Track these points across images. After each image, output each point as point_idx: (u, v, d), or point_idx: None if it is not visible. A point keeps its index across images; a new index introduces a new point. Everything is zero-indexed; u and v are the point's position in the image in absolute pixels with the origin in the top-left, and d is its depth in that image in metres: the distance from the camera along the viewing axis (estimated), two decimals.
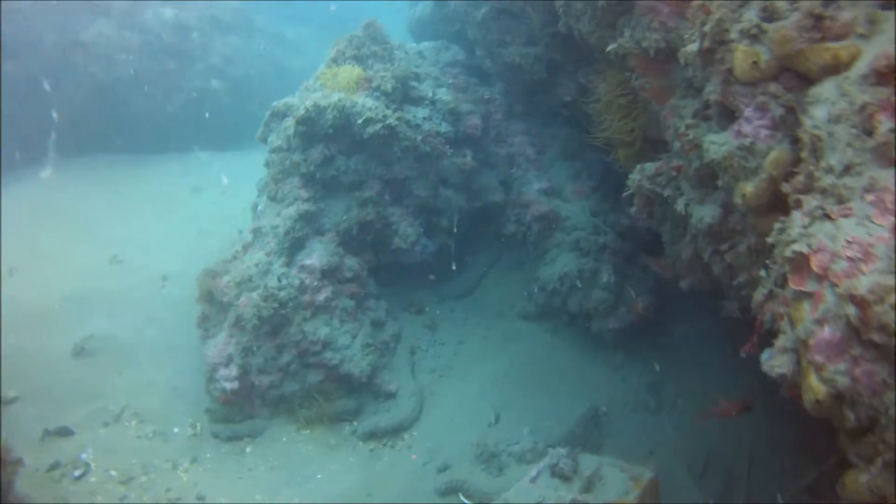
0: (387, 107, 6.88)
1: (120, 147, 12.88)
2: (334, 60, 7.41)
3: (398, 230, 7.30)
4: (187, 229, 9.87)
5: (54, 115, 11.83)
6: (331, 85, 6.94)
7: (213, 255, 8.65)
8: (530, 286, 8.42)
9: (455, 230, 8.08)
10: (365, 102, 6.76)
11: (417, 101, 7.52)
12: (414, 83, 7.50)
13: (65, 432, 7.09)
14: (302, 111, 6.66)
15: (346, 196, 7.20)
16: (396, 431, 6.88)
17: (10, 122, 12.69)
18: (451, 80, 8.52)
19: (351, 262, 7.13)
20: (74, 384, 7.69)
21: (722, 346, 8.10)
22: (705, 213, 4.28)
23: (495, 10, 7.44)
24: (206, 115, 13.01)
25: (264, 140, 7.73)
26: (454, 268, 8.58)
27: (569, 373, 7.97)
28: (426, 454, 6.85)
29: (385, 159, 7.09)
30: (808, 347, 2.64)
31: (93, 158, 12.85)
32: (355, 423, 7.18)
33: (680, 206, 4.53)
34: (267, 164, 7.50)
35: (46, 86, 12.02)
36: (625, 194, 5.00)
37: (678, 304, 8.19)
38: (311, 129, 6.75)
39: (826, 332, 2.56)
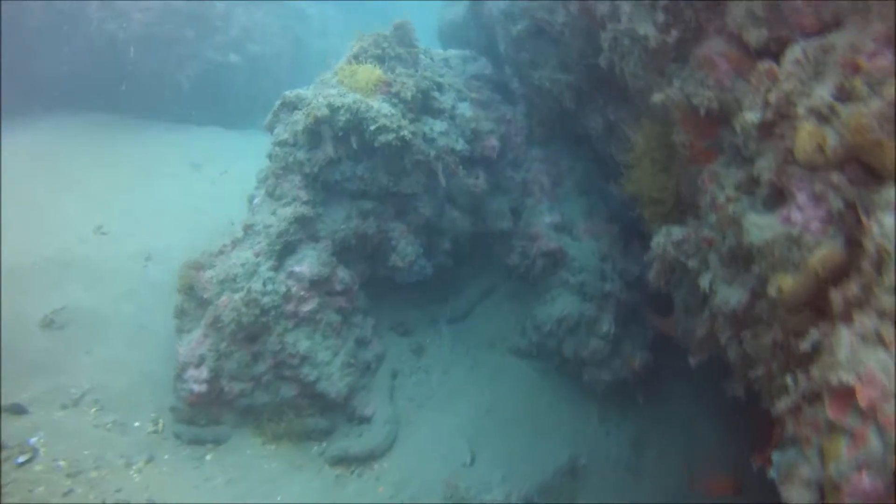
0: (403, 115, 6.46)
1: (125, 109, 12.45)
2: (356, 57, 7.00)
3: (397, 247, 6.89)
4: (180, 206, 9.44)
5: None
6: (348, 83, 6.52)
7: (202, 238, 8.29)
8: (526, 321, 8.11)
9: (455, 252, 7.69)
10: (381, 108, 6.34)
11: (436, 113, 7.11)
12: (435, 93, 7.08)
13: (18, 410, 6.69)
14: (313, 109, 6.23)
15: (347, 203, 6.79)
16: (366, 460, 6.50)
17: (14, 68, 12.28)
18: (474, 94, 8.10)
19: (343, 273, 6.73)
20: (37, 357, 7.29)
21: (715, 411, 7.78)
22: (731, 297, 3.91)
23: (533, 28, 7.03)
24: (218, 91, 12.56)
25: (271, 129, 7.31)
26: (449, 291, 8.23)
27: (552, 418, 7.71)
28: (393, 487, 6.50)
29: (394, 170, 6.67)
30: (841, 493, 2.30)
31: (96, 116, 12.42)
32: (324, 444, 6.81)
33: (704, 282, 4.16)
34: (270, 157, 7.08)
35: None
36: (646, 258, 4.60)
37: (674, 359, 7.84)
38: (321, 128, 6.32)
39: (865, 481, 2.23)
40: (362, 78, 6.44)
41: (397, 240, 6.88)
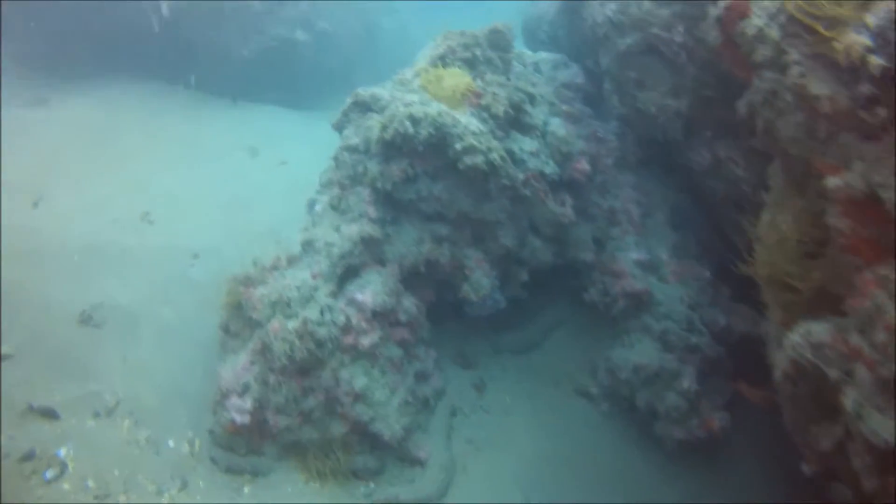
0: (493, 134, 5.68)
1: (183, 80, 11.86)
2: (441, 58, 6.22)
3: (471, 277, 6.15)
4: (232, 197, 8.82)
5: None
6: (433, 90, 5.77)
7: (253, 240, 7.70)
8: (597, 360, 7.36)
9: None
10: (469, 124, 5.57)
11: (527, 130, 6.32)
12: (527, 107, 6.28)
13: (49, 414, 6.26)
14: (392, 119, 5.49)
15: (420, 225, 6.07)
16: None
17: (75, 29, 11.78)
18: (565, 107, 7.28)
19: (409, 303, 6.03)
20: (73, 356, 6.86)
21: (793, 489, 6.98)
22: (884, 429, 3.09)
23: (644, 45, 6.17)
24: (283, 68, 11.89)
25: (339, 129, 6.63)
26: (515, 318, 7.50)
27: (616, 470, 6.99)
28: None
29: (476, 194, 5.91)
30: None
31: (155, 86, 11.91)
32: (372, 485, 6.18)
33: (848, 401, 3.34)
34: (336, 161, 6.40)
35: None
36: (778, 368, 3.79)
37: (753, 423, 6.99)
38: (399, 139, 5.59)
39: None
40: (449, 85, 5.68)
41: (472, 269, 6.13)
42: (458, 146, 5.48)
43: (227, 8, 11.25)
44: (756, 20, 3.74)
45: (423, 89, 5.85)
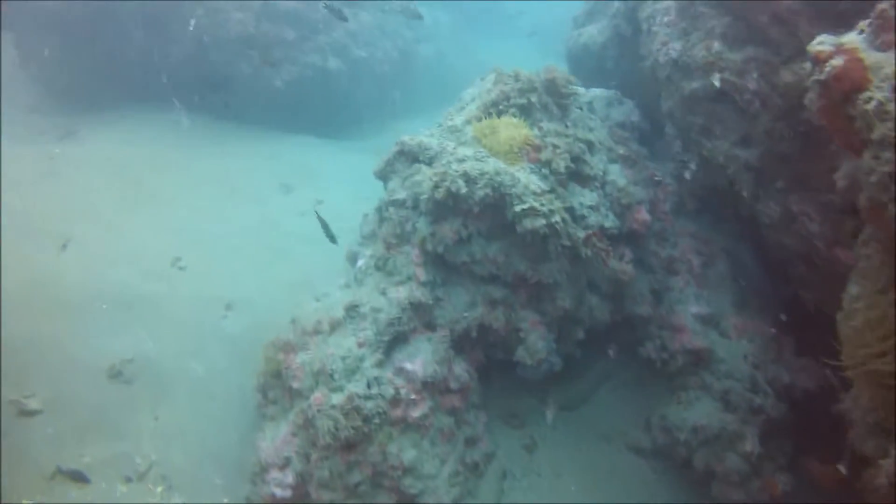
0: (553, 192, 5.24)
1: (217, 111, 11.56)
2: (495, 105, 5.81)
3: (526, 340, 5.71)
4: (266, 242, 8.45)
5: None
6: (487, 143, 5.36)
7: (288, 291, 7.35)
8: (651, 417, 6.91)
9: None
10: (529, 182, 5.15)
11: (586, 181, 5.89)
12: (587, 157, 5.84)
13: (78, 477, 5.95)
14: (445, 179, 5.08)
15: (472, 287, 5.65)
16: None
17: (106, 59, 11.57)
18: (621, 150, 6.85)
19: (460, 369, 5.61)
20: (103, 414, 6.54)
21: None
22: None
23: (713, 91, 5.71)
24: (316, 97, 11.55)
25: (383, 179, 6.26)
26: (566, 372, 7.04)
27: None
28: None
29: (534, 255, 5.47)
30: None
31: (187, 116, 11.60)
32: None
33: None
34: (379, 214, 6.02)
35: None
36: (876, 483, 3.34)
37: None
38: (451, 200, 5.18)
39: None
40: (505, 138, 5.27)
41: (527, 332, 5.70)
42: (517, 208, 5.05)
43: (259, 38, 10.92)
44: (877, 94, 3.27)
45: (476, 141, 5.43)
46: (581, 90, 7.58)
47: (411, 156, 5.87)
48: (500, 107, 5.77)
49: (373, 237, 6.21)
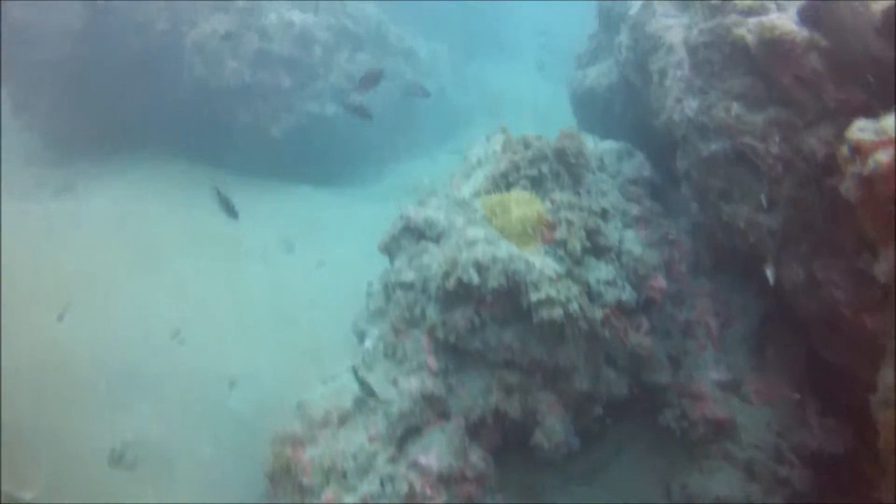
0: (570, 276, 4.97)
1: (215, 161, 11.34)
2: (504, 176, 5.56)
3: (543, 423, 5.43)
4: (268, 309, 8.18)
5: None
6: (498, 222, 5.10)
7: (294, 364, 7.07)
8: (671, 484, 6.59)
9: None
10: (544, 268, 4.89)
11: (601, 252, 5.61)
12: (602, 228, 5.57)
13: None
14: (456, 268, 4.81)
15: (487, 373, 5.37)
16: None
17: (102, 107, 11.35)
18: (635, 211, 6.56)
19: (476, 457, 5.31)
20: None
21: None
22: None
23: (732, 154, 5.45)
24: (316, 145, 11.30)
25: (387, 253, 6.00)
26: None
27: None
28: None
29: (550, 340, 5.19)
30: None
31: (185, 168, 11.41)
32: None
33: None
34: (387, 292, 5.72)
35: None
36: None
37: None
38: (463, 289, 4.90)
39: None
40: (518, 217, 5.01)
41: (544, 414, 5.41)
42: (533, 297, 4.78)
43: (254, 86, 10.69)
44: None
45: (486, 220, 5.16)
46: (590, 145, 7.33)
47: (417, 232, 5.61)
48: (510, 178, 5.51)
49: (380, 315, 5.94)
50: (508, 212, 5.12)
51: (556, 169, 5.69)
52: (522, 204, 5.15)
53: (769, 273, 5.50)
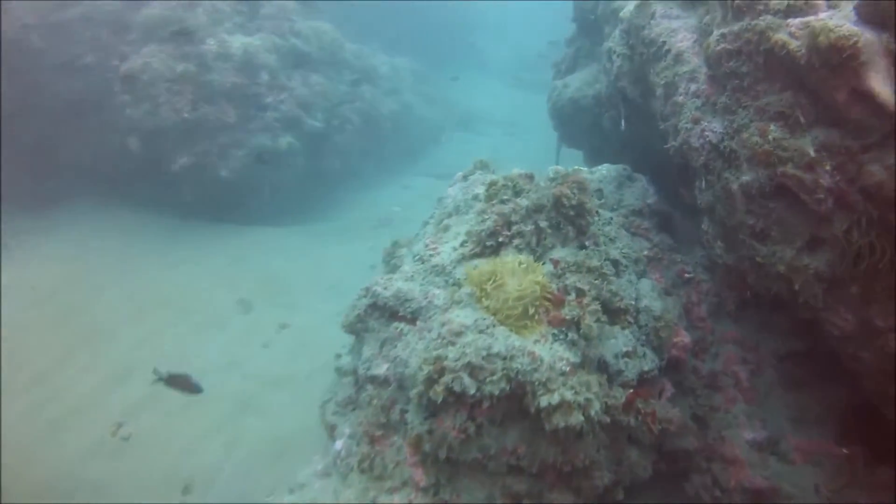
0: (583, 365, 3.88)
1: (161, 207, 10.18)
2: (493, 236, 4.45)
3: None
4: (227, 386, 7.02)
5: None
6: (491, 303, 3.98)
7: (255, 465, 5.93)
8: None
9: None
10: (554, 361, 3.80)
11: (618, 317, 4.56)
12: (615, 286, 4.50)
13: None
14: (441, 370, 3.70)
15: (488, 483, 4.26)
16: None
17: (25, 156, 10.11)
18: (646, 251, 5.52)
19: None
20: None
21: None
22: None
23: (769, 187, 4.41)
24: (270, 181, 10.12)
25: (354, 334, 4.89)
26: None
27: None
28: None
29: (565, 440, 4.09)
30: None
31: (126, 216, 10.18)
32: None
33: None
34: (356, 389, 4.63)
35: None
36: None
37: None
38: (452, 397, 3.79)
39: None
40: (514, 295, 3.90)
41: None
42: (543, 401, 3.68)
43: (196, 124, 9.49)
44: None
45: (474, 299, 4.04)
46: (586, 174, 6.28)
47: (388, 311, 4.51)
48: (500, 238, 4.40)
49: (351, 405, 4.83)
50: (502, 286, 4.00)
51: (555, 220, 4.59)
52: (519, 274, 4.04)
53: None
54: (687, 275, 5.94)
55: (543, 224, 4.46)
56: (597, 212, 4.98)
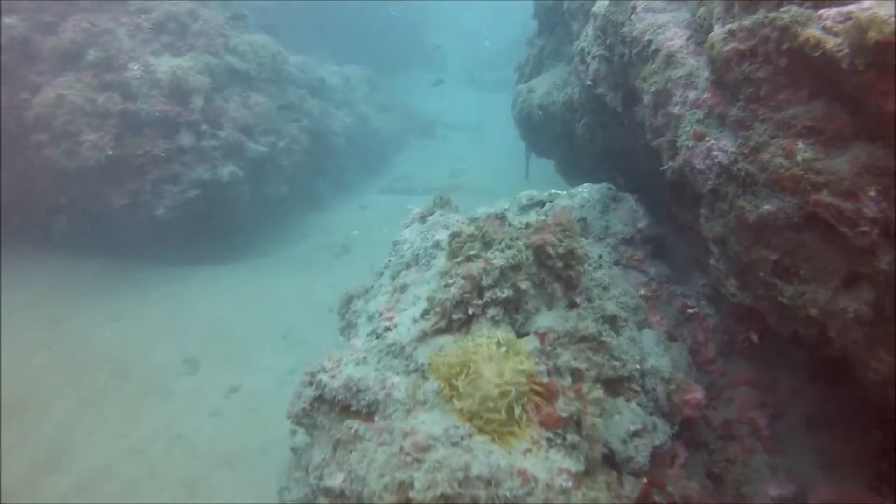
0: (590, 473, 3.01)
1: (89, 251, 9.08)
2: (460, 306, 3.56)
3: None
4: (173, 468, 6.06)
5: None
6: (464, 404, 3.10)
7: None
8: None
9: None
10: (552, 480, 2.92)
11: (621, 386, 3.75)
12: (616, 348, 3.65)
13: None
14: (403, 497, 2.82)
15: None
16: None
17: None
18: (643, 289, 4.74)
19: None
20: None
21: None
22: None
23: (799, 215, 3.56)
24: (212, 216, 9.12)
25: (300, 425, 3.99)
26: None
27: None
28: None
29: None
30: None
31: (54, 264, 9.11)
32: None
33: None
34: (313, 491, 3.73)
35: None
36: None
37: None
38: None
39: None
40: (494, 388, 3.02)
41: None
42: None
43: (122, 161, 8.46)
44: None
45: (441, 396, 3.15)
46: (562, 197, 5.42)
47: (338, 404, 3.60)
48: (470, 309, 3.50)
49: None
50: (477, 380, 3.09)
51: (538, 277, 3.71)
52: (497, 359, 3.14)
53: None
54: (690, 310, 5.14)
55: (524, 285, 3.57)
56: (585, 255, 4.09)
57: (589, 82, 5.55)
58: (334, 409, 3.72)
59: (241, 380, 6.87)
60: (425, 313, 3.69)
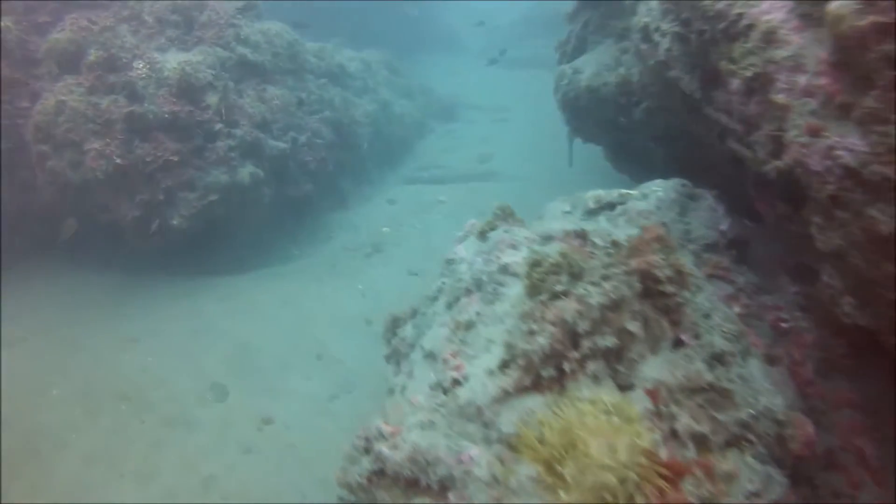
0: None
1: (100, 267, 8.53)
2: (549, 359, 2.94)
3: None
4: None
5: None
6: (572, 496, 2.49)
7: None
8: None
9: None
10: None
11: (736, 438, 3.09)
12: (737, 394, 3.04)
13: None
14: None
15: None
16: None
17: None
18: (737, 308, 4.16)
19: None
20: None
21: None
22: None
23: None
24: (233, 222, 8.51)
25: (351, 491, 3.43)
26: None
27: None
28: None
29: None
30: None
31: (67, 280, 8.60)
32: None
33: None
34: None
35: None
36: None
37: None
38: None
39: None
40: (604, 472, 2.40)
41: None
42: None
43: (133, 169, 7.84)
44: None
45: (541, 486, 2.54)
46: (637, 201, 4.75)
47: (403, 481, 2.99)
48: (566, 365, 2.86)
49: None
50: (581, 458, 2.47)
51: (642, 315, 3.07)
52: (606, 433, 2.51)
53: None
54: (783, 324, 4.49)
55: (632, 327, 2.94)
56: (689, 283, 3.43)
57: (658, 62, 4.85)
58: (398, 484, 3.12)
59: (272, 408, 6.26)
60: (504, 365, 3.06)
